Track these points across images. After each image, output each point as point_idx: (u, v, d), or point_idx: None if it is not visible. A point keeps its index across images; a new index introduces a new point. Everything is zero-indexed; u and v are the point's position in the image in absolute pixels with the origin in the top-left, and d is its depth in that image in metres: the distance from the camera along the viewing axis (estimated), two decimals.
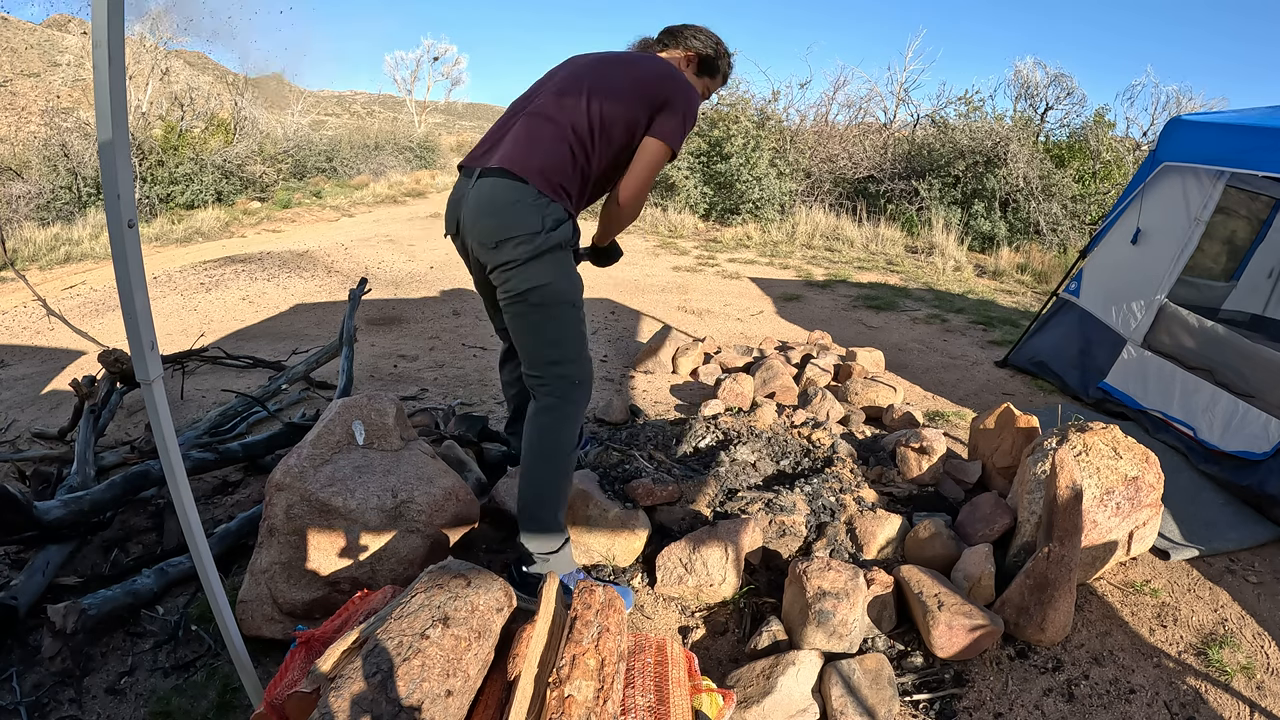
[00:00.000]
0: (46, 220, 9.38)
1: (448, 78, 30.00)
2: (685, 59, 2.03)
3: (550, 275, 1.77)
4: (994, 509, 2.23)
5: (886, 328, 5.34)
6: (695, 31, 2.05)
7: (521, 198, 1.73)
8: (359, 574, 1.81)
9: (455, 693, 1.15)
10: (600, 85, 1.81)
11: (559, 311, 1.81)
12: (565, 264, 1.82)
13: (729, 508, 2.29)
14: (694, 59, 2.04)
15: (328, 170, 14.96)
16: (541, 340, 1.84)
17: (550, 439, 1.86)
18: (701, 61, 2.05)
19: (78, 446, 2.50)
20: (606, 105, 1.79)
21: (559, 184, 1.77)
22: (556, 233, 1.76)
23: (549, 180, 1.75)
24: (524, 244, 1.73)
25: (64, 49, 20.12)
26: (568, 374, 1.85)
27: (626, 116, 1.80)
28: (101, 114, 1.04)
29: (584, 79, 1.83)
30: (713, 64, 2.07)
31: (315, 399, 3.56)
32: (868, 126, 12.75)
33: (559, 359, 1.84)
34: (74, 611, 1.70)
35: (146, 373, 1.18)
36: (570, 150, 1.77)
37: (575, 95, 1.81)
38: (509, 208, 1.74)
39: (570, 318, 1.83)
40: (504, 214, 1.74)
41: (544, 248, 1.74)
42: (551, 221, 1.75)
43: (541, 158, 1.76)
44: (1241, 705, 1.77)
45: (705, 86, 2.09)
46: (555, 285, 1.79)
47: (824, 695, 1.65)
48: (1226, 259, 4.35)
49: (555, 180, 1.76)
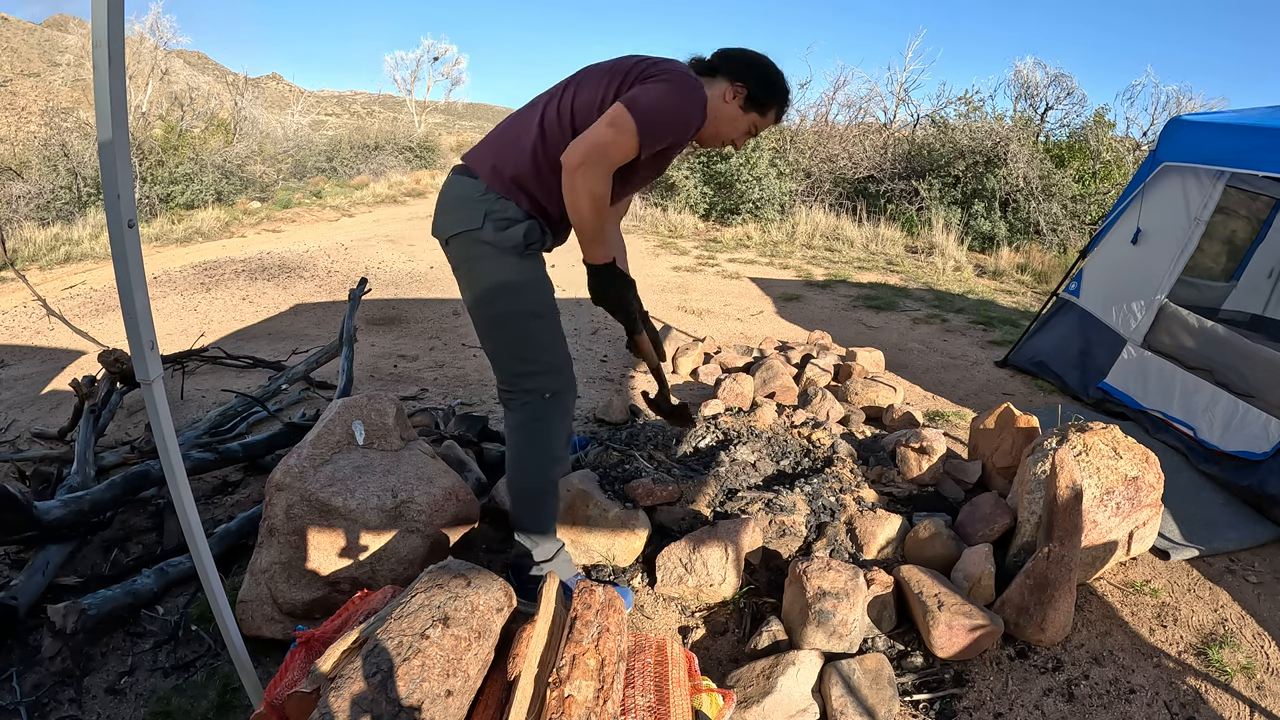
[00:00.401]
0: (46, 220, 9.38)
1: (448, 78, 30.01)
2: (730, 91, 1.75)
3: (501, 281, 1.66)
4: (994, 509, 2.24)
5: (886, 328, 5.34)
6: (749, 63, 1.77)
7: (468, 193, 1.65)
8: (359, 574, 1.81)
9: (455, 693, 1.15)
10: (583, 76, 1.69)
11: (518, 321, 1.69)
12: (520, 269, 1.68)
13: (729, 508, 2.29)
14: (741, 92, 1.76)
15: (328, 170, 14.97)
16: (503, 351, 1.74)
17: (523, 456, 1.79)
18: (750, 97, 1.77)
19: (78, 446, 2.50)
20: (580, 91, 1.65)
21: (511, 178, 1.64)
22: (505, 234, 1.64)
23: (500, 174, 1.64)
24: (465, 243, 1.65)
25: (64, 49, 20.11)
26: (537, 386, 1.73)
27: (597, 97, 1.62)
28: (101, 114, 1.04)
29: (575, 75, 1.73)
30: (762, 102, 1.78)
31: (315, 399, 3.56)
32: (868, 126, 12.75)
33: (525, 371, 1.73)
34: (74, 611, 1.70)
35: (146, 373, 1.18)
36: (532, 143, 1.63)
37: (559, 89, 1.70)
38: (453, 203, 1.68)
39: (533, 328, 1.71)
40: (448, 210, 1.68)
41: (489, 250, 1.64)
42: (497, 220, 1.63)
43: (496, 152, 1.67)
44: (1241, 705, 1.77)
45: (752, 123, 1.81)
46: (509, 292, 1.67)
47: (824, 695, 1.65)
48: (1226, 259, 4.35)
49: (507, 174, 1.64)
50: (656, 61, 1.67)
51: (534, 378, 1.74)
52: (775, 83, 1.79)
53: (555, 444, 1.81)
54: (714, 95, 1.74)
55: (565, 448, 1.87)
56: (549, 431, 1.78)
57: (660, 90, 1.58)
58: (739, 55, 1.78)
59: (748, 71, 1.75)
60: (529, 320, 1.71)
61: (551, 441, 1.80)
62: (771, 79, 1.78)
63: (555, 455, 1.82)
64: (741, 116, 1.78)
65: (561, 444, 1.84)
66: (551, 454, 1.81)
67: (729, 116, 1.78)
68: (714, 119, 1.77)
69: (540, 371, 1.74)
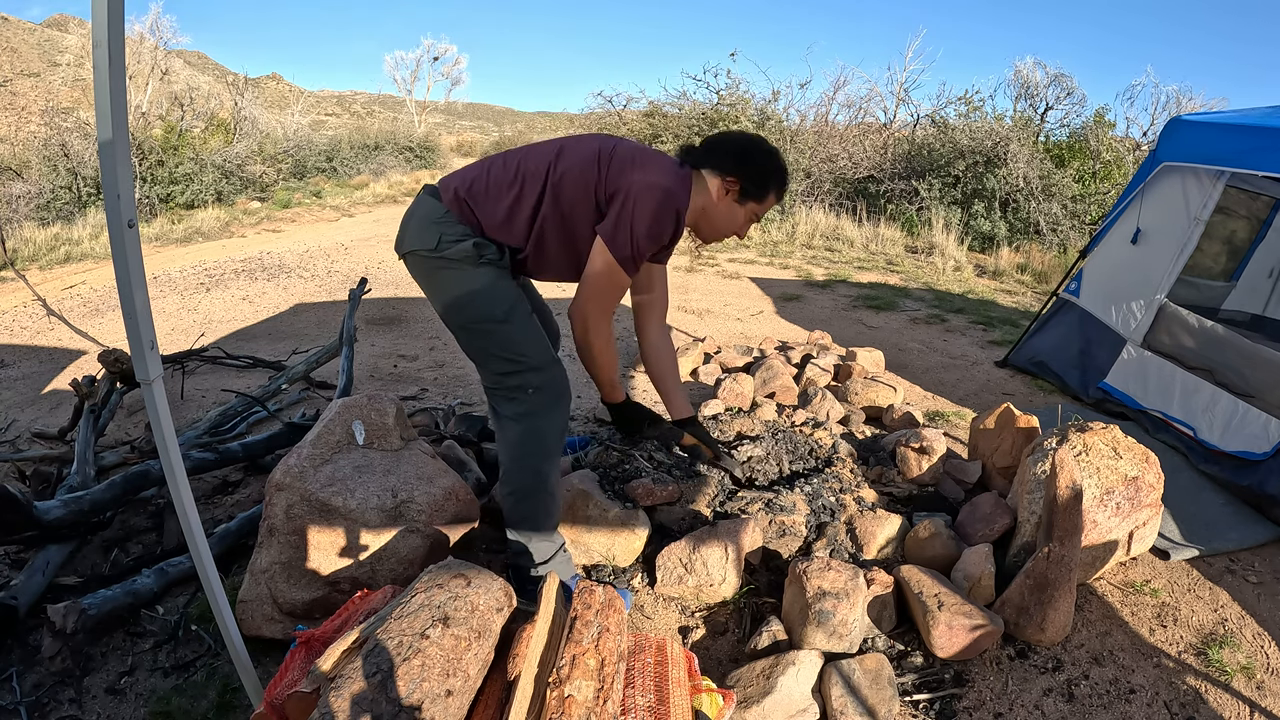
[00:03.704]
0: (46, 220, 9.37)
1: (448, 78, 30.04)
2: (724, 186, 1.76)
3: (459, 292, 1.71)
4: (994, 509, 2.23)
5: (886, 328, 5.34)
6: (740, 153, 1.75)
7: (429, 213, 1.72)
8: (359, 574, 1.81)
9: (455, 693, 1.15)
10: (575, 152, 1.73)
11: (484, 328, 1.74)
12: (474, 278, 1.71)
13: (729, 508, 2.29)
14: (735, 187, 1.75)
15: (328, 170, 14.97)
16: (483, 356, 1.79)
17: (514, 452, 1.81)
18: (743, 190, 1.76)
19: (78, 446, 2.50)
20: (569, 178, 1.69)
21: (466, 201, 1.71)
22: (456, 247, 1.68)
23: (459, 198, 1.71)
24: (418, 260, 1.73)
25: (64, 49, 20.12)
26: (522, 383, 1.76)
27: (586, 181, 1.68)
28: (101, 114, 1.04)
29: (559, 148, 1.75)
30: (760, 187, 1.77)
31: (315, 399, 3.56)
32: (868, 126, 12.76)
33: (506, 370, 1.77)
34: (74, 611, 1.70)
35: (146, 373, 1.18)
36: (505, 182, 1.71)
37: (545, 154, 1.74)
38: (412, 221, 1.75)
39: (499, 332, 1.74)
40: (407, 227, 1.76)
41: (442, 263, 1.70)
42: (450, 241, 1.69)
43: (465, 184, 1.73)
44: (1241, 705, 1.77)
45: (751, 213, 1.81)
46: (466, 302, 1.71)
47: (824, 695, 1.65)
48: (1226, 259, 4.35)
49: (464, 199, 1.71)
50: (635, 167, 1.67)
51: (518, 375, 1.77)
52: (768, 170, 1.77)
53: (545, 438, 1.81)
54: (707, 194, 1.77)
55: (559, 445, 1.86)
56: (537, 427, 1.79)
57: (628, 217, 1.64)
58: (727, 147, 1.77)
59: (738, 166, 1.75)
60: (494, 326, 1.74)
61: (542, 436, 1.80)
62: (763, 169, 1.76)
63: (546, 450, 1.82)
64: (739, 209, 1.80)
65: (554, 439, 1.83)
66: (543, 448, 1.81)
67: (726, 214, 1.80)
68: (711, 218, 1.80)
69: (522, 370, 1.76)
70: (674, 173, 1.70)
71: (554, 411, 1.81)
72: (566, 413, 1.87)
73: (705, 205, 1.78)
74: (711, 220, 1.81)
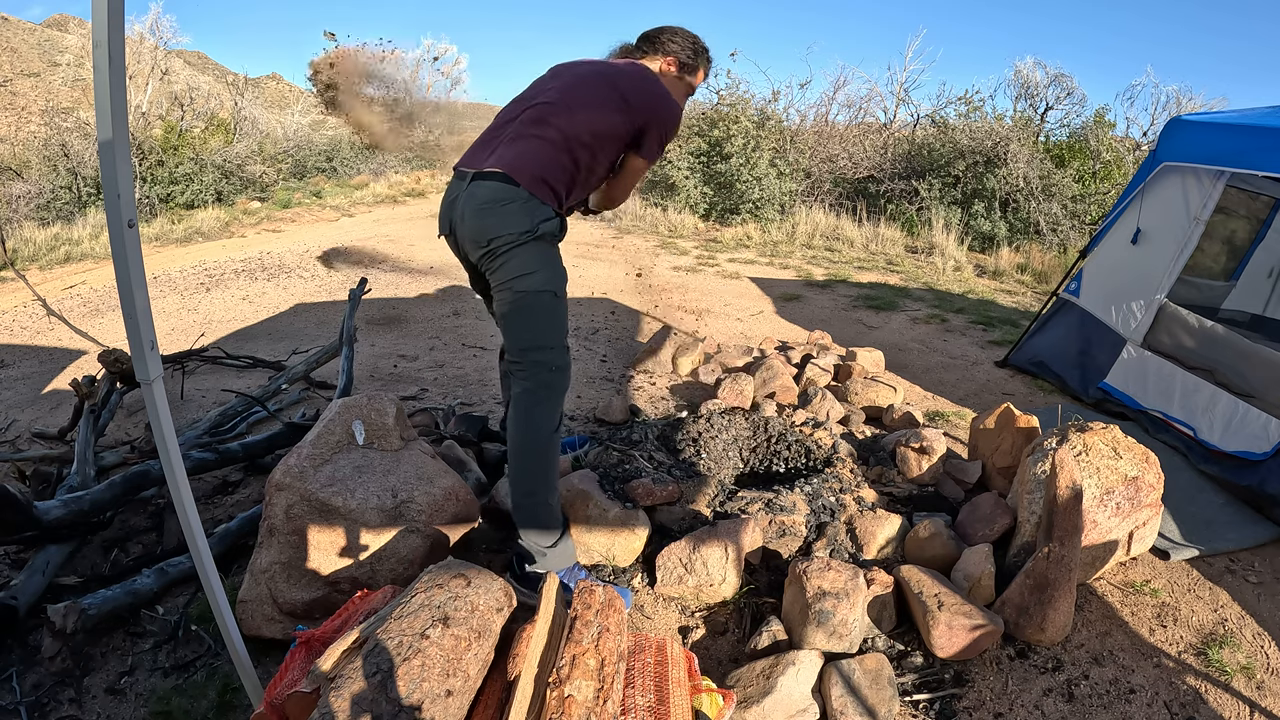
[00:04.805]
0: (46, 220, 9.37)
1: (448, 78, 29.99)
2: (666, 64, 2.17)
3: (535, 265, 1.87)
4: (994, 509, 2.23)
5: (886, 328, 5.34)
6: (671, 35, 2.18)
7: (514, 198, 1.84)
8: (359, 574, 1.81)
9: (455, 693, 1.15)
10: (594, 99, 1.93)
11: (542, 299, 1.90)
12: (549, 255, 1.92)
13: (729, 508, 2.29)
14: (674, 63, 2.18)
15: (328, 170, 14.96)
16: (523, 325, 1.91)
17: (529, 422, 1.91)
18: (681, 65, 2.19)
19: (78, 446, 2.50)
20: (599, 122, 1.92)
21: (551, 188, 1.88)
22: (546, 226, 1.88)
23: (541, 184, 1.86)
24: (512, 241, 1.85)
25: (64, 49, 20.10)
26: (544, 360, 1.91)
27: (617, 133, 1.95)
28: (101, 114, 1.04)
29: (579, 92, 1.95)
30: (692, 65, 2.21)
31: (315, 399, 3.56)
32: (868, 126, 12.74)
33: (537, 344, 1.91)
34: (74, 611, 1.70)
35: (146, 373, 1.18)
36: (563, 160, 1.89)
37: (570, 110, 1.91)
38: (501, 208, 1.84)
39: (552, 306, 1.92)
40: (497, 214, 1.84)
41: (529, 240, 1.85)
42: (541, 220, 1.86)
43: (535, 165, 1.87)
44: (1241, 705, 1.77)
45: (689, 85, 2.25)
46: (539, 274, 1.88)
47: (824, 695, 1.65)
48: (1226, 259, 4.34)
49: (548, 185, 1.88)
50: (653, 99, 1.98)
51: (542, 351, 1.91)
52: (697, 45, 2.21)
53: (555, 413, 1.93)
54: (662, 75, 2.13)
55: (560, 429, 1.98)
56: (552, 401, 1.93)
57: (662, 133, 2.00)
58: (660, 34, 2.19)
59: (673, 44, 2.17)
60: (552, 300, 1.91)
61: (553, 411, 1.93)
62: (694, 44, 2.20)
63: (554, 424, 1.93)
64: (679, 83, 2.20)
65: (558, 421, 1.96)
66: (552, 424, 1.93)
67: (674, 87, 2.17)
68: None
69: (551, 346, 1.92)
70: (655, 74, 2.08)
71: (560, 391, 1.95)
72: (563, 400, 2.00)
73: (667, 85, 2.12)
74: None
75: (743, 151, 10.02)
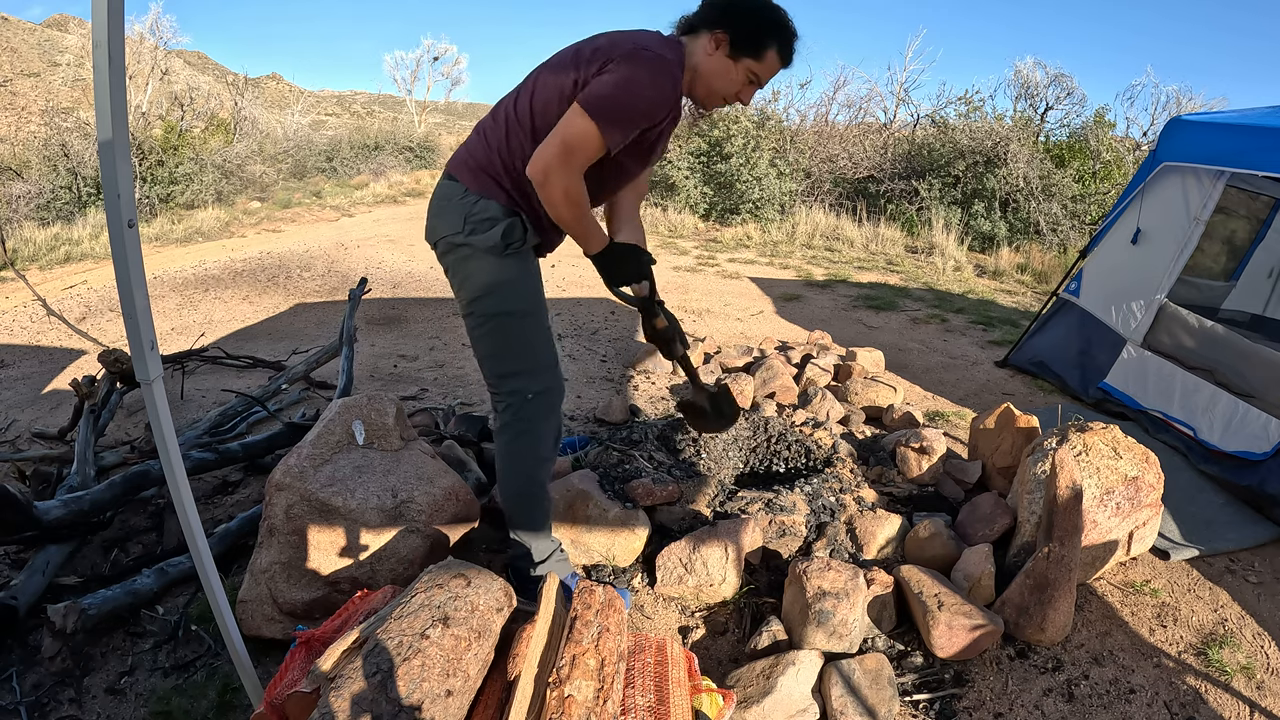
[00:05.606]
0: (46, 220, 9.37)
1: (448, 78, 29.99)
2: (710, 41, 1.62)
3: (481, 282, 1.66)
4: (994, 509, 2.24)
5: (886, 328, 5.34)
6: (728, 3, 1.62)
7: (450, 196, 1.65)
8: (359, 574, 1.81)
9: (455, 693, 1.15)
10: (552, 73, 1.60)
11: (498, 323, 1.69)
12: (500, 269, 1.66)
13: (729, 508, 2.29)
14: (721, 40, 1.60)
15: (328, 170, 14.96)
16: (488, 352, 1.74)
17: (509, 459, 1.80)
18: (733, 43, 1.60)
19: (78, 446, 2.50)
20: (544, 77, 1.59)
21: (488, 174, 1.62)
22: (484, 235, 1.63)
23: (481, 176, 1.62)
24: (450, 250, 1.67)
25: (64, 49, 20.12)
26: (520, 387, 1.73)
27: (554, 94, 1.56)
28: (101, 114, 1.04)
29: (541, 71, 1.64)
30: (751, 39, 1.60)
31: (315, 399, 3.56)
32: (868, 126, 12.75)
33: (509, 371, 1.73)
34: (74, 611, 1.70)
35: (146, 373, 1.18)
36: (503, 137, 1.61)
37: (520, 91, 1.65)
38: (437, 208, 1.69)
39: (516, 328, 1.70)
40: (434, 215, 1.70)
41: (470, 252, 1.65)
42: (476, 223, 1.62)
43: (469, 150, 1.66)
44: (1241, 705, 1.77)
45: (748, 71, 1.64)
46: (493, 295, 1.67)
47: (824, 695, 1.65)
48: (1226, 259, 4.35)
49: (489, 176, 1.62)
50: (617, 42, 1.56)
51: (514, 378, 1.74)
52: (761, 17, 1.60)
53: (540, 445, 1.81)
54: (698, 53, 1.63)
55: (553, 448, 1.86)
56: (532, 433, 1.77)
57: (616, 80, 1.49)
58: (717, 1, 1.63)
59: (725, 16, 1.60)
60: (507, 321, 1.70)
61: (536, 443, 1.80)
62: (754, 15, 1.60)
63: (540, 456, 1.82)
64: (733, 66, 1.63)
65: (548, 445, 1.83)
66: (536, 455, 1.81)
67: (719, 70, 1.63)
68: (704, 76, 1.65)
69: (520, 372, 1.74)
70: (662, 39, 1.61)
71: (549, 416, 1.80)
72: (560, 415, 1.87)
73: (698, 65, 1.64)
74: (706, 81, 1.65)
75: (743, 151, 10.01)
